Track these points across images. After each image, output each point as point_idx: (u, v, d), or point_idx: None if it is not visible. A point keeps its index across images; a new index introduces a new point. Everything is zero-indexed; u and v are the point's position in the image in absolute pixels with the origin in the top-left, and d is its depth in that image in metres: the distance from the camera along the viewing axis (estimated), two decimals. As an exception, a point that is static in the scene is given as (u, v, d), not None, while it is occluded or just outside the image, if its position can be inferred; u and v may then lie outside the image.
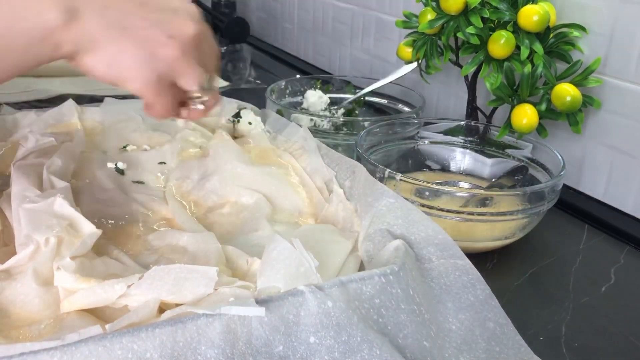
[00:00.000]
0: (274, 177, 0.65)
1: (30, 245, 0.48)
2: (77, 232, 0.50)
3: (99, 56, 0.45)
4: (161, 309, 0.41)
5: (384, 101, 0.95)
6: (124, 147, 0.71)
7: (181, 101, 0.52)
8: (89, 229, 0.50)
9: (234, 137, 0.75)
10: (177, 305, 0.41)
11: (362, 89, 0.93)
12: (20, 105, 0.82)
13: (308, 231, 0.54)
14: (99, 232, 0.50)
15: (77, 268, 0.45)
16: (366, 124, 0.77)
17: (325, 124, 0.79)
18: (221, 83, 1.11)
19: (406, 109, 0.91)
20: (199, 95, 0.51)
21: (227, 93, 0.95)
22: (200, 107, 0.52)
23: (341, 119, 0.84)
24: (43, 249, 0.47)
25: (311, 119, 0.79)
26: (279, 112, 0.80)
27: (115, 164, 0.65)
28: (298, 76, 1.02)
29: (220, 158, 0.67)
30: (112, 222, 0.56)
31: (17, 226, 0.52)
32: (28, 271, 0.45)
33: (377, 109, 0.95)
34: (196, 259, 0.50)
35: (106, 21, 0.45)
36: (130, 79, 0.47)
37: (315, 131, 0.76)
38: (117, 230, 0.55)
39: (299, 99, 0.93)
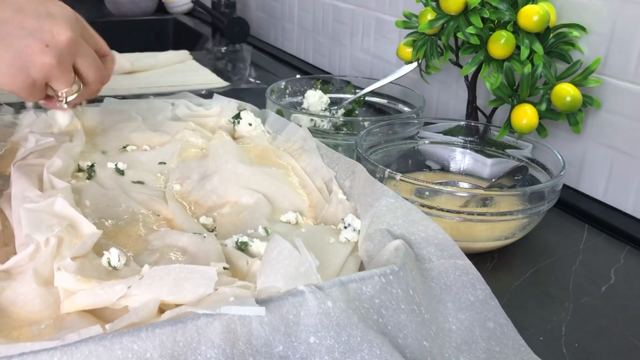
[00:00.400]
0: (274, 177, 0.65)
1: (31, 246, 0.48)
2: (77, 233, 0.50)
3: None
4: (161, 309, 0.41)
5: (384, 101, 0.95)
6: (124, 147, 0.71)
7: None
8: (89, 229, 0.50)
9: (234, 138, 0.75)
10: (177, 305, 0.41)
11: (362, 89, 0.93)
12: (21, 105, 0.82)
13: (308, 231, 0.54)
14: (99, 232, 0.50)
15: (78, 269, 0.45)
16: (366, 124, 0.77)
17: (325, 124, 0.79)
18: (221, 83, 1.11)
19: (406, 109, 0.91)
20: (66, 95, 0.57)
21: (227, 93, 0.95)
22: (65, 106, 0.58)
23: (341, 119, 0.84)
24: (43, 249, 0.47)
25: (311, 119, 0.79)
26: (279, 112, 0.80)
27: (116, 165, 0.65)
28: (298, 76, 1.02)
29: (220, 158, 0.67)
30: (112, 222, 0.56)
31: (18, 226, 0.52)
32: (28, 271, 0.45)
33: (377, 109, 0.95)
34: (196, 259, 0.50)
35: None
36: (6, 82, 0.51)
37: (315, 131, 0.76)
38: (117, 230, 0.55)
39: (299, 99, 0.93)
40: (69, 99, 0.57)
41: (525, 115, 0.69)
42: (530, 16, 0.68)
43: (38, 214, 0.51)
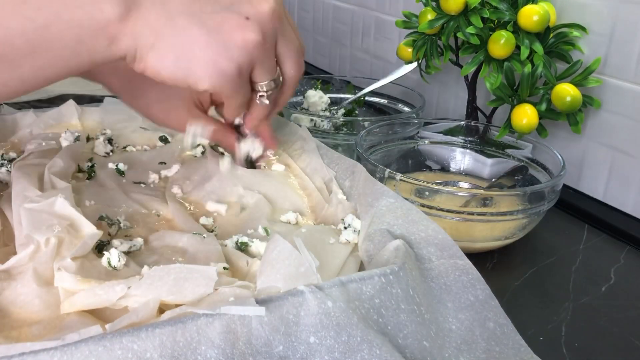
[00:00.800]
0: (274, 177, 0.65)
1: (31, 246, 0.48)
2: (77, 233, 0.50)
3: (164, 50, 0.38)
4: (161, 309, 0.41)
5: (384, 101, 0.95)
6: (124, 147, 0.71)
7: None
8: (89, 229, 0.50)
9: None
10: (177, 305, 0.41)
11: (362, 89, 0.93)
12: (21, 105, 0.82)
13: (308, 232, 0.54)
14: (100, 232, 0.50)
15: (78, 269, 0.45)
16: (366, 124, 0.77)
17: (325, 124, 0.79)
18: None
19: (406, 109, 0.91)
20: (267, 89, 0.43)
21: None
22: (266, 102, 0.44)
23: (341, 119, 0.84)
24: (43, 249, 0.47)
25: (311, 119, 0.79)
26: (278, 112, 0.80)
27: (116, 165, 0.65)
28: (298, 76, 1.02)
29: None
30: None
31: (18, 226, 0.52)
32: (28, 271, 0.45)
33: (377, 109, 0.95)
34: (196, 260, 0.50)
35: (167, 11, 0.38)
36: (204, 76, 0.39)
37: (315, 131, 0.76)
38: (117, 231, 0.55)
39: (299, 99, 0.93)
40: (262, 100, 0.44)
41: (525, 115, 0.69)
42: (530, 16, 0.68)
43: (38, 213, 0.51)
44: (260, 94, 0.44)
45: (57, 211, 0.52)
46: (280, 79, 0.45)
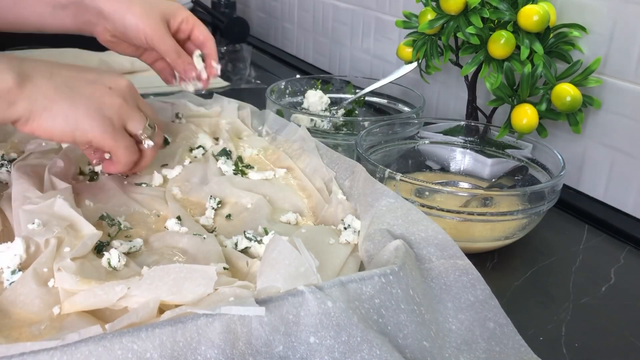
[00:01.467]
0: (274, 179, 0.65)
1: (31, 246, 0.48)
2: (77, 233, 0.50)
3: (55, 111, 0.50)
4: (161, 310, 0.41)
5: (384, 101, 0.95)
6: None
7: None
8: (89, 230, 0.50)
9: (238, 138, 0.75)
10: (177, 305, 0.41)
11: (362, 89, 0.93)
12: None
13: (308, 232, 0.54)
14: (100, 233, 0.50)
15: (78, 269, 0.45)
16: (366, 124, 0.77)
17: (325, 124, 0.79)
18: (221, 83, 1.11)
19: (406, 109, 0.91)
20: (146, 136, 0.57)
21: (227, 93, 0.94)
22: (150, 143, 0.58)
23: (341, 119, 0.84)
24: (43, 249, 0.47)
25: (311, 119, 0.79)
26: (279, 112, 0.80)
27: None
28: (298, 76, 1.02)
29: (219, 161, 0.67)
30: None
31: (17, 226, 0.52)
32: (28, 272, 0.45)
33: (377, 109, 0.95)
34: (196, 260, 0.50)
35: (54, 84, 0.51)
36: (88, 128, 0.52)
37: (315, 131, 0.76)
38: (117, 232, 0.55)
39: (299, 99, 0.93)
40: (148, 143, 0.58)
41: (526, 115, 0.69)
42: (530, 16, 0.68)
43: (37, 215, 0.51)
44: (143, 139, 0.57)
45: (57, 212, 0.52)
46: (155, 127, 0.59)
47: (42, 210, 0.52)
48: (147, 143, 0.58)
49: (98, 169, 0.64)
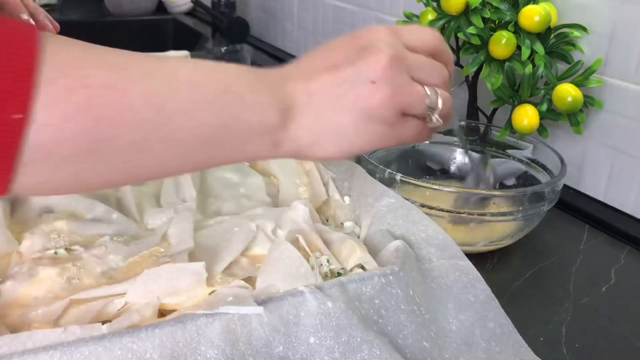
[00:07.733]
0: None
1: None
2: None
3: (323, 144, 0.43)
4: (161, 313, 0.41)
5: (384, 101, 0.95)
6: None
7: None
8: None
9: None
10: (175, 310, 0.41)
11: (362, 89, 0.93)
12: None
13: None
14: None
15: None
16: (366, 124, 0.77)
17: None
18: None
19: (406, 109, 0.91)
20: (430, 111, 0.45)
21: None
22: (436, 119, 0.46)
23: (341, 119, 0.83)
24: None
25: (311, 119, 0.79)
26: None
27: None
28: (298, 76, 1.02)
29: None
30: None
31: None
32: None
33: (378, 109, 0.95)
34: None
35: (314, 111, 0.43)
36: (364, 144, 0.44)
37: (316, 131, 0.76)
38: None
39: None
40: (436, 114, 0.46)
41: (526, 116, 0.69)
42: (531, 16, 0.68)
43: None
44: (428, 120, 0.46)
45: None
46: (437, 92, 0.46)
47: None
48: (434, 118, 0.46)
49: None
